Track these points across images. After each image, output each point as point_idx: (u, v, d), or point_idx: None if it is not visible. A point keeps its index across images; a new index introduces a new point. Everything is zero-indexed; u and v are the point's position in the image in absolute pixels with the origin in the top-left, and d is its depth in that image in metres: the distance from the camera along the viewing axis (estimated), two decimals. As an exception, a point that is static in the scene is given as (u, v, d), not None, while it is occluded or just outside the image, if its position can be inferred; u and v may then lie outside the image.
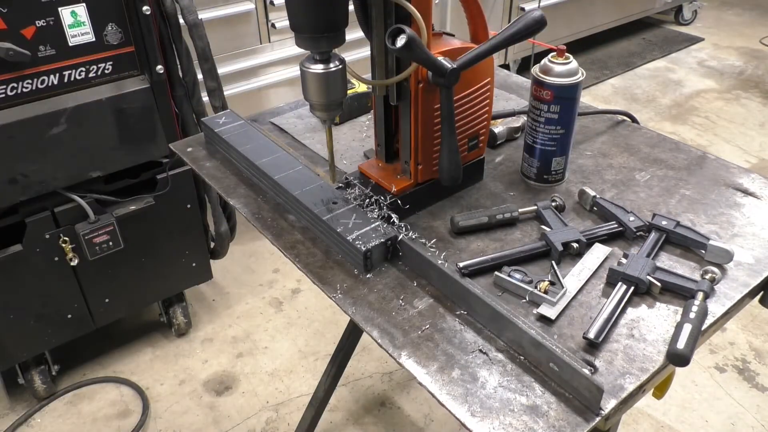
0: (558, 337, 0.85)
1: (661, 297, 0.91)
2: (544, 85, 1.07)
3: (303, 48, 0.88)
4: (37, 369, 1.98)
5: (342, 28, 0.88)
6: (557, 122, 1.09)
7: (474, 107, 1.08)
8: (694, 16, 4.84)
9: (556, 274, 0.92)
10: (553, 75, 1.06)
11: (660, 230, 1.01)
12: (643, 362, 0.81)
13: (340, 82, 0.90)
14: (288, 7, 0.85)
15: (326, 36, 0.86)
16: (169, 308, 2.21)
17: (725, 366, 2.14)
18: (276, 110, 1.47)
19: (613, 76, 4.07)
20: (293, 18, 0.86)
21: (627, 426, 1.94)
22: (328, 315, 2.35)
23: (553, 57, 1.07)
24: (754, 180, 1.16)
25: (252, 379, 2.12)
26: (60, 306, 1.88)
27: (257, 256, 2.62)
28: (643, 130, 1.33)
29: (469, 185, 1.16)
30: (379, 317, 0.89)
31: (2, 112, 1.56)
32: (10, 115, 1.57)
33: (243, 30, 2.47)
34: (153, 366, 2.17)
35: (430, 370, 0.81)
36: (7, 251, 1.72)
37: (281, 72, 2.59)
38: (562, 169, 1.15)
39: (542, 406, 0.76)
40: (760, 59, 4.29)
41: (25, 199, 1.68)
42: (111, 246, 1.82)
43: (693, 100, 3.81)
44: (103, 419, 2.00)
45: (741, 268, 0.96)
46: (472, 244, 1.02)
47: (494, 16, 3.47)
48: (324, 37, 0.86)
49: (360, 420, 1.99)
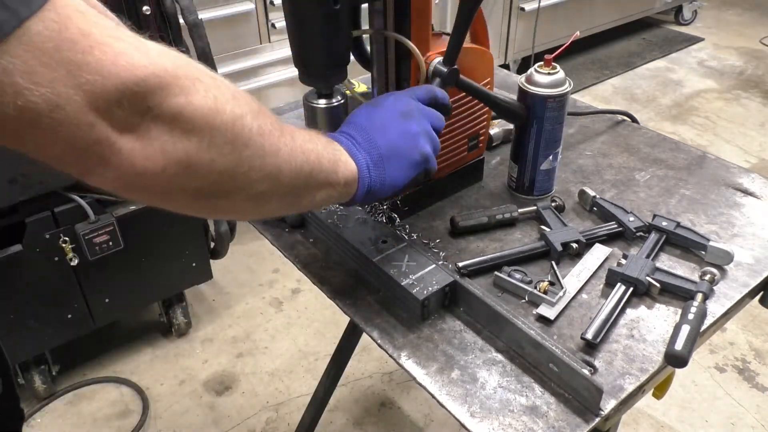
0: (557, 337, 0.85)
1: (661, 298, 0.91)
2: (526, 97, 1.05)
3: (310, 85, 0.90)
4: (37, 369, 1.98)
5: (347, 63, 0.90)
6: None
7: (474, 107, 1.08)
8: (694, 16, 4.84)
9: (555, 274, 0.92)
10: (537, 86, 1.03)
11: (660, 231, 1.01)
12: (643, 363, 0.81)
13: (343, 115, 0.91)
14: (297, 45, 0.86)
15: (335, 73, 0.87)
16: (169, 308, 2.21)
17: (725, 366, 2.14)
18: (276, 110, 1.47)
19: (613, 76, 4.07)
20: (302, 55, 0.87)
21: (627, 426, 1.94)
22: (328, 315, 2.35)
23: (540, 66, 1.04)
24: (754, 180, 1.16)
25: (252, 379, 2.13)
26: (60, 306, 1.88)
27: (257, 256, 2.62)
28: (643, 130, 1.33)
29: (468, 185, 1.16)
30: (378, 317, 0.89)
31: (2, 112, 1.56)
32: (10, 115, 1.57)
33: (243, 30, 2.47)
34: (153, 366, 2.17)
35: (430, 371, 0.81)
36: (7, 251, 1.71)
37: (281, 72, 2.59)
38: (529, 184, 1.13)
39: (542, 406, 0.76)
40: (760, 59, 4.29)
41: (25, 199, 1.68)
42: (111, 246, 1.82)
43: (693, 100, 3.81)
44: (103, 419, 2.00)
45: (741, 268, 0.96)
46: (472, 244, 1.02)
47: (494, 16, 3.47)
48: (333, 74, 0.87)
49: (360, 420, 1.99)
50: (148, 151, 0.52)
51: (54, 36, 0.45)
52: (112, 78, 0.47)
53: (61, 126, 0.47)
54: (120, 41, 0.48)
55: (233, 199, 0.62)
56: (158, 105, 0.51)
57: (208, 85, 0.54)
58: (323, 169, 0.70)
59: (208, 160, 0.56)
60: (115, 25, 0.50)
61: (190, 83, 0.53)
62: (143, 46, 0.50)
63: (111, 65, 0.47)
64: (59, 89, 0.45)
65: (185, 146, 0.53)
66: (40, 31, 0.44)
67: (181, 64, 0.53)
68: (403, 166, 0.80)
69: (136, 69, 0.48)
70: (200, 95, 0.53)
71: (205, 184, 0.57)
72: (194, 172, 0.55)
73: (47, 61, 0.45)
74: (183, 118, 0.52)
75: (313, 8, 0.81)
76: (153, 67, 0.50)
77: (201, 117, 0.54)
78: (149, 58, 0.50)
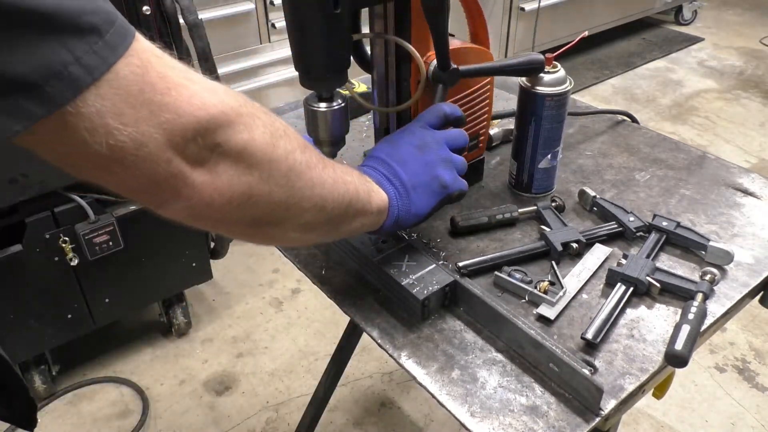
0: (558, 337, 0.85)
1: (661, 298, 0.91)
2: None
3: (310, 89, 0.90)
4: (37, 369, 1.98)
5: (348, 67, 0.90)
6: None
7: (474, 107, 1.08)
8: (694, 16, 4.84)
9: (555, 274, 0.92)
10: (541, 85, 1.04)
11: (660, 231, 1.01)
12: (643, 362, 0.81)
13: (344, 118, 0.92)
14: (298, 49, 0.86)
15: (336, 76, 0.88)
16: (169, 308, 2.21)
17: (725, 366, 2.14)
18: (276, 110, 1.47)
19: (613, 76, 4.07)
20: (303, 59, 0.87)
21: (627, 426, 1.94)
22: (328, 315, 2.35)
23: None
24: (754, 180, 1.16)
25: (252, 379, 2.13)
26: (60, 306, 1.88)
27: (257, 256, 2.62)
28: (643, 130, 1.33)
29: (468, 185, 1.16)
30: (378, 317, 0.89)
31: (2, 112, 1.56)
32: (10, 115, 1.57)
33: (243, 30, 2.47)
34: (153, 366, 2.17)
35: (430, 371, 0.81)
36: (7, 251, 1.72)
37: (281, 72, 2.59)
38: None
39: (542, 406, 0.76)
40: (760, 59, 4.29)
41: (25, 199, 1.68)
42: (111, 246, 1.82)
43: (693, 100, 3.81)
44: (103, 419, 2.00)
45: (741, 268, 0.96)
46: (472, 244, 1.02)
47: (494, 16, 3.47)
48: (334, 77, 0.87)
49: (360, 420, 1.99)
50: (216, 183, 0.56)
51: (138, 79, 0.49)
52: (187, 116, 0.51)
53: (144, 162, 0.51)
54: (193, 83, 0.53)
55: (284, 227, 0.67)
56: (226, 141, 0.55)
57: (264, 121, 0.59)
58: (360, 199, 0.75)
59: (266, 192, 0.60)
60: (187, 68, 0.54)
61: (251, 120, 0.57)
62: (212, 87, 0.55)
63: (186, 105, 0.51)
64: (143, 128, 0.49)
65: (248, 179, 0.58)
66: (126, 75, 0.48)
67: (242, 103, 0.57)
68: (425, 195, 0.84)
69: (208, 108, 0.53)
70: (260, 131, 0.58)
71: (262, 213, 0.63)
72: (254, 203, 0.60)
73: (133, 103, 0.48)
74: (247, 153, 0.57)
75: (314, 12, 0.81)
76: (222, 106, 0.54)
77: (261, 152, 0.58)
78: (218, 97, 0.54)
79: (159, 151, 0.51)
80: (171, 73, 0.51)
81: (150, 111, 0.49)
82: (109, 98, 0.47)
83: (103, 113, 0.47)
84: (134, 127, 0.48)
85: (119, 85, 0.48)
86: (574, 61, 4.17)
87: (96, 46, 0.46)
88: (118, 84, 0.47)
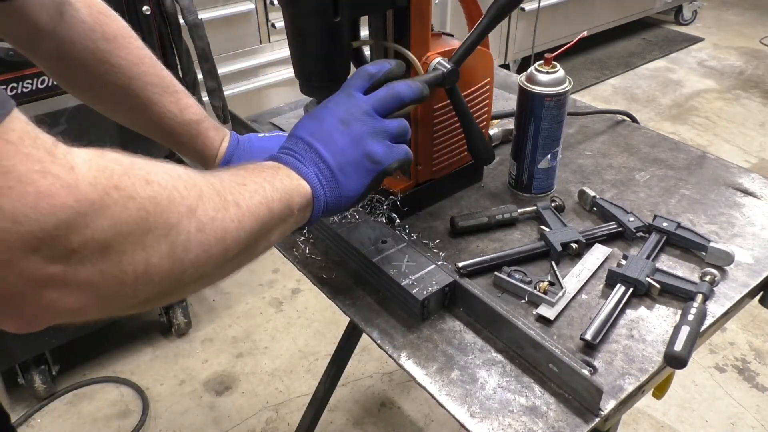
0: (557, 337, 0.85)
1: (661, 298, 0.91)
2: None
3: (310, 96, 0.90)
4: (37, 369, 1.98)
5: (347, 74, 0.90)
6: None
7: (474, 107, 1.08)
8: (694, 16, 4.84)
9: (555, 274, 0.92)
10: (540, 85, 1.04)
11: (660, 232, 1.00)
12: (643, 363, 0.81)
13: None
14: (298, 57, 0.86)
15: (335, 84, 0.88)
16: (169, 308, 2.21)
17: (725, 366, 2.14)
18: (276, 110, 1.47)
19: (613, 76, 4.07)
20: (304, 67, 0.87)
21: (627, 426, 1.94)
22: (328, 315, 2.35)
23: (540, 65, 1.04)
24: (754, 180, 1.16)
25: (252, 379, 2.13)
26: (60, 306, 1.87)
27: (257, 256, 2.62)
28: (643, 130, 1.33)
29: (468, 185, 1.16)
30: (378, 317, 0.89)
31: (2, 112, 1.56)
32: (10, 116, 1.57)
33: (243, 30, 2.47)
34: (153, 366, 2.17)
35: (430, 371, 0.81)
36: (7, 251, 1.71)
37: (281, 72, 2.59)
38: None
39: (542, 406, 0.76)
40: (760, 59, 4.29)
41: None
42: (111, 246, 1.81)
43: (693, 100, 3.81)
44: (103, 419, 2.00)
45: (741, 269, 0.96)
46: (472, 244, 1.02)
47: (494, 16, 3.47)
48: (333, 85, 0.88)
49: (360, 420, 1.99)
50: (77, 294, 0.47)
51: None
52: (28, 224, 0.42)
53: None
54: (45, 176, 0.42)
55: (184, 291, 0.59)
56: (83, 245, 0.45)
57: (143, 196, 0.49)
58: (274, 215, 0.66)
59: (146, 281, 0.51)
60: (51, 148, 0.44)
61: (124, 203, 0.47)
62: (72, 178, 0.44)
63: (30, 210, 0.41)
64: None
65: (118, 272, 0.49)
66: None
67: (116, 184, 0.47)
68: (356, 175, 0.74)
69: (57, 211, 0.43)
70: (132, 213, 0.48)
71: (151, 295, 0.53)
72: (134, 290, 0.51)
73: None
74: (116, 243, 0.47)
75: (314, 22, 0.81)
76: (77, 205, 0.44)
77: (131, 242, 0.48)
78: (75, 192, 0.44)
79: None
80: (21, 165, 0.41)
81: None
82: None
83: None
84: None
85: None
86: (574, 61, 4.17)
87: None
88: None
